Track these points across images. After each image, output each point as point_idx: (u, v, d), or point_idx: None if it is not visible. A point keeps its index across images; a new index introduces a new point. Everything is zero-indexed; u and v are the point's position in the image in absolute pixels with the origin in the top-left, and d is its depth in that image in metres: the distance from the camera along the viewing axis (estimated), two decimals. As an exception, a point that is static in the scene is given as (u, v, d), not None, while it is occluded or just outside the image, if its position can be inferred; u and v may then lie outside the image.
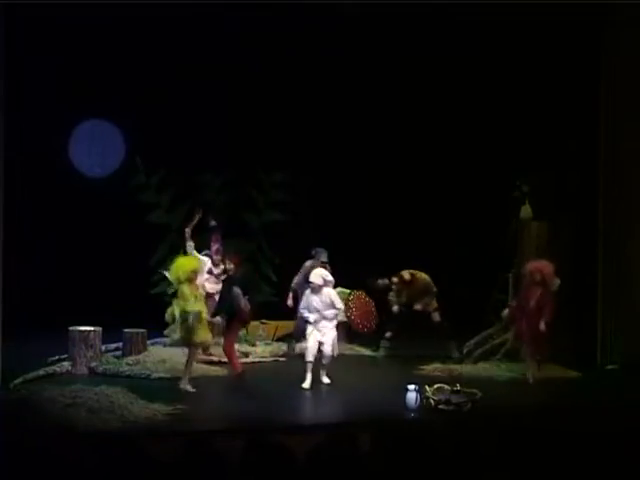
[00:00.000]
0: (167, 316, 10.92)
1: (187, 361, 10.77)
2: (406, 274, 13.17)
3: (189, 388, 10.48)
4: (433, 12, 13.89)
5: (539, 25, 13.27)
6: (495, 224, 13.82)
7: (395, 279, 13.29)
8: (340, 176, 15.58)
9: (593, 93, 12.78)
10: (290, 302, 12.85)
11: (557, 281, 11.59)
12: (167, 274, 11.63)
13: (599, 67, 12.70)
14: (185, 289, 10.66)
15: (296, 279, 12.95)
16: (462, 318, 13.15)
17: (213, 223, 13.31)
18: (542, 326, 11.21)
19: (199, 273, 11.25)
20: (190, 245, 12.68)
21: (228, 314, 11.05)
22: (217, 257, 12.77)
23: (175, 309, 10.66)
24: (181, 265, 10.94)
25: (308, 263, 12.86)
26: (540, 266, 11.65)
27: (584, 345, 12.47)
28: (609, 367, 12.33)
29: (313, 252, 12.90)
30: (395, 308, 13.31)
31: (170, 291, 11.96)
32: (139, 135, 14.83)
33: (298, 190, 15.08)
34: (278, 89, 15.19)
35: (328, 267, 12.57)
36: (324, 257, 12.83)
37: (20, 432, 8.10)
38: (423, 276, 13.21)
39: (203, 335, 10.76)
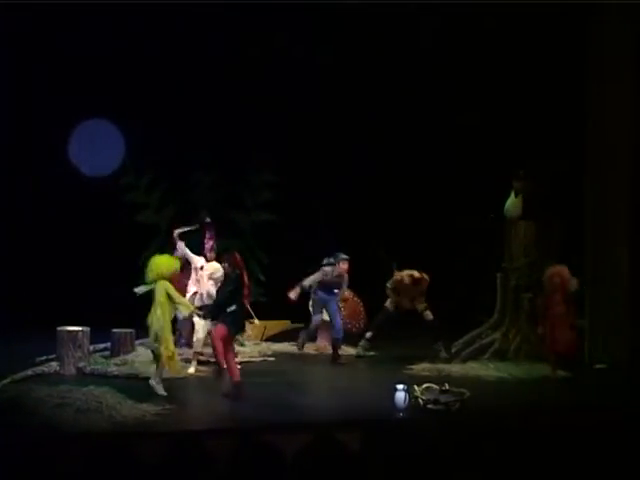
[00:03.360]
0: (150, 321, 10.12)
1: (157, 364, 10.22)
2: (417, 274, 13.03)
3: (159, 390, 10.07)
4: (424, 12, 13.99)
5: (529, 23, 13.34)
6: (483, 224, 13.84)
7: (405, 277, 13.12)
8: (332, 176, 15.60)
9: (579, 92, 12.82)
10: (293, 295, 12.68)
11: (574, 281, 12.05)
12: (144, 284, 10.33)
13: (586, 63, 12.74)
14: (171, 288, 10.12)
15: (312, 277, 12.91)
16: (451, 318, 13.17)
17: (207, 220, 12.84)
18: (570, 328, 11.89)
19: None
20: (181, 246, 12.36)
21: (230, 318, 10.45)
22: (211, 254, 12.52)
23: (159, 311, 9.96)
24: (164, 262, 10.29)
25: (328, 268, 12.91)
26: (557, 270, 12.04)
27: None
28: (597, 366, 12.37)
29: (325, 261, 13.01)
30: (389, 304, 13.19)
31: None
32: (129, 135, 14.82)
33: (289, 190, 15.09)
34: (268, 88, 15.20)
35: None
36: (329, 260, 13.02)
37: (8, 433, 8.08)
38: (426, 277, 13.16)
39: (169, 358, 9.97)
